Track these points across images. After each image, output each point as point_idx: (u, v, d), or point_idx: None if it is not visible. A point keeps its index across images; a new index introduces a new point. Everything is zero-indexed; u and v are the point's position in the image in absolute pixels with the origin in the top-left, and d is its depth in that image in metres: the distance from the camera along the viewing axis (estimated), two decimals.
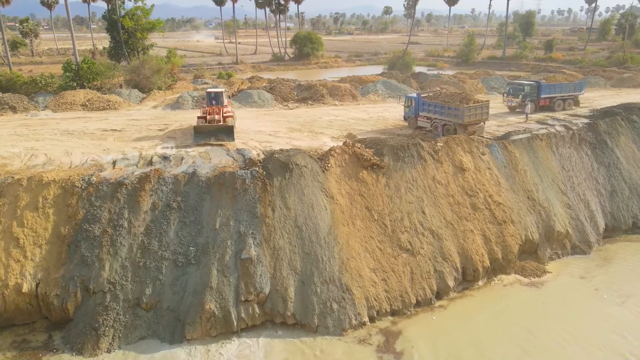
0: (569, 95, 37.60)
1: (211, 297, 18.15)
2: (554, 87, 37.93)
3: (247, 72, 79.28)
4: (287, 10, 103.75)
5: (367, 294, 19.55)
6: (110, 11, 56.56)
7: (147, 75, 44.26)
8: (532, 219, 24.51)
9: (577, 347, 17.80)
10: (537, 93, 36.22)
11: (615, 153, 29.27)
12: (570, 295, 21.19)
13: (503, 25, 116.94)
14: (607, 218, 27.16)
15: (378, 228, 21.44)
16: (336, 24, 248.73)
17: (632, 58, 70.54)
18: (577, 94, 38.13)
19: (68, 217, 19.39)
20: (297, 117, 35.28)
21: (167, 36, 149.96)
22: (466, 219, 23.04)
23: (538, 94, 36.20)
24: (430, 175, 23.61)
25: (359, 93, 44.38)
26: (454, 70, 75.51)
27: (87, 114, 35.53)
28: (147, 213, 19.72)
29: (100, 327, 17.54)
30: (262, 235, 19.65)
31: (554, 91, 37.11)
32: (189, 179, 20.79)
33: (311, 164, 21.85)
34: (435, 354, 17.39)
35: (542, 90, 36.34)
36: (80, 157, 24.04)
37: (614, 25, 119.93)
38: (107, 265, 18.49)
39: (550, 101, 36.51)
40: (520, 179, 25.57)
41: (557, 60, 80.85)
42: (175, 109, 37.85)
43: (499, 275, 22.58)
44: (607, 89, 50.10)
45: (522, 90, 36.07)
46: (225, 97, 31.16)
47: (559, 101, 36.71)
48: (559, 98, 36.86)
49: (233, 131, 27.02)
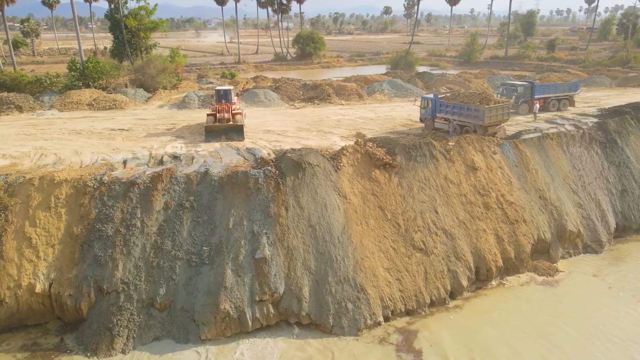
0: (564, 95, 36.97)
1: (226, 297, 18.03)
2: (548, 87, 37.20)
3: (250, 71, 79.16)
4: (290, 9, 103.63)
5: (382, 293, 19.43)
6: (113, 10, 56.48)
7: (153, 74, 44.15)
8: (544, 218, 24.40)
9: (598, 343, 17.89)
10: (531, 93, 35.52)
11: (626, 152, 29.18)
12: (585, 294, 21.16)
13: (504, 25, 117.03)
14: (618, 217, 27.05)
15: (391, 227, 21.32)
16: (336, 24, 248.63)
17: (635, 57, 70.53)
18: (572, 94, 37.50)
19: (80, 216, 19.24)
20: (304, 116, 35.16)
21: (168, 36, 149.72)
22: (479, 219, 22.93)
23: (532, 94, 35.49)
24: (442, 174, 23.49)
25: (365, 92, 44.26)
26: (457, 70, 75.44)
27: (93, 113, 35.38)
28: (159, 212, 19.58)
29: (114, 328, 17.41)
30: (275, 234, 19.52)
31: (548, 91, 36.41)
32: (202, 178, 20.65)
33: (324, 163, 21.73)
34: (455, 353, 17.28)
35: (535, 91, 35.66)
36: (90, 157, 23.91)
37: (615, 25, 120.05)
38: (120, 265, 18.35)
39: (544, 101, 35.79)
40: (532, 178, 25.46)
41: (560, 60, 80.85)
42: (182, 108, 37.72)
43: (512, 274, 22.47)
44: (613, 88, 50.04)
45: (515, 90, 35.44)
46: (234, 94, 31.23)
47: (553, 101, 36.01)
48: (554, 98, 36.21)
49: (243, 130, 27.04)
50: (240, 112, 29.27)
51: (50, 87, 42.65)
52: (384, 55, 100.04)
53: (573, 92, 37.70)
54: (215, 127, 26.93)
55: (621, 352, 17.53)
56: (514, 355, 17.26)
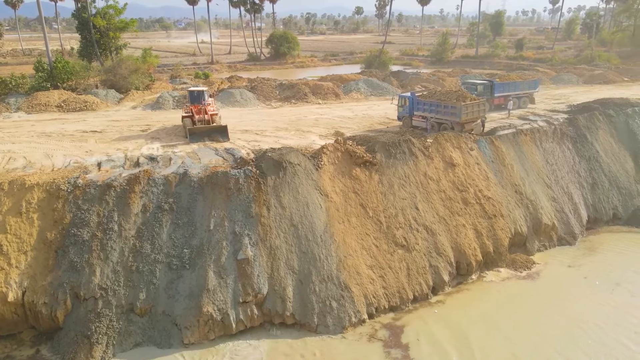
0: (524, 93, 37.43)
1: (208, 300, 17.71)
2: (507, 85, 37.26)
3: (224, 72, 78.26)
4: (262, 9, 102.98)
5: (366, 291, 19.46)
6: (80, 9, 54.79)
7: (124, 75, 43.08)
8: (520, 212, 24.94)
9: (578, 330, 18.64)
10: (491, 92, 35.82)
11: (595, 147, 30.12)
12: (562, 284, 21.80)
13: (473, 25, 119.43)
14: (590, 210, 27.90)
15: (373, 225, 21.38)
16: (308, 24, 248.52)
17: (599, 56, 73.01)
18: (532, 92, 38.05)
19: (54, 221, 18.56)
20: (282, 116, 34.95)
21: (138, 36, 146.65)
22: (458, 214, 23.25)
23: (491, 92, 35.79)
24: (422, 171, 23.71)
25: (342, 91, 44.35)
26: (429, 69, 76.43)
27: (63, 115, 34.26)
28: (137, 215, 19.09)
29: (92, 335, 16.84)
30: (257, 235, 19.30)
31: (507, 90, 36.58)
32: (180, 179, 20.23)
33: (304, 162, 21.61)
34: (442, 346, 17.50)
35: (495, 89, 35.99)
36: (62, 160, 23.10)
37: (579, 24, 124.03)
38: (97, 270, 17.79)
39: (504, 99, 35.92)
40: (508, 174, 25.99)
41: (529, 59, 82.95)
42: (156, 109, 36.93)
43: (492, 268, 22.87)
44: (580, 85, 51.65)
45: (474, 89, 35.52)
46: (207, 95, 30.76)
47: (513, 99, 36.04)
48: (514, 96, 36.38)
49: (227, 131, 26.78)
50: (216, 113, 28.88)
51: (16, 89, 41.01)
52: (357, 54, 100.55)
53: (532, 90, 38.26)
54: (199, 128, 26.50)
55: (599, 338, 18.10)
56: (500, 346, 17.59)
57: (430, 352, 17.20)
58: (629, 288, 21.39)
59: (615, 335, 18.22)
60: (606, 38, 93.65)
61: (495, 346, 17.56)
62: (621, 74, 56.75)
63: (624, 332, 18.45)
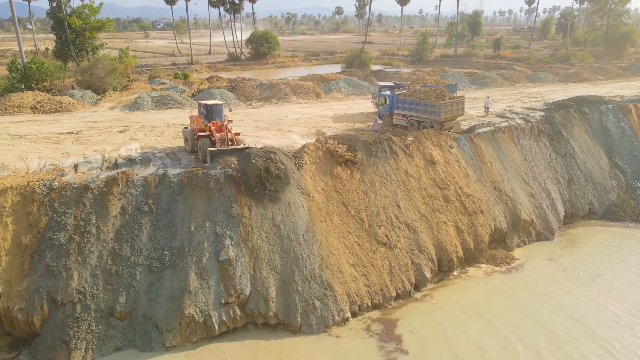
0: None
1: (190, 302, 17.50)
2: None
3: (203, 72, 77.51)
4: (242, 9, 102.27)
5: (349, 289, 19.49)
6: (55, 9, 53.59)
7: (101, 75, 42.28)
8: (499, 208, 25.30)
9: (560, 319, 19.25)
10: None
11: (571, 143, 30.76)
12: (542, 277, 22.33)
13: (452, 25, 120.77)
14: (566, 205, 28.48)
15: (355, 223, 21.43)
16: (288, 24, 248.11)
17: (574, 55, 74.63)
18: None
19: (29, 225, 18.09)
20: (262, 115, 34.77)
21: (115, 36, 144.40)
22: (439, 211, 23.47)
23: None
24: (402, 169, 23.87)
25: (323, 91, 44.35)
26: (409, 68, 77.03)
27: (38, 116, 33.45)
28: (116, 218, 18.75)
29: (71, 340, 16.49)
30: (239, 235, 19.15)
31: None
32: (160, 180, 19.94)
33: (286, 162, 21.51)
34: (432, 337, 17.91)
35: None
36: (37, 162, 22.53)
37: (554, 24, 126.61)
38: (75, 274, 17.41)
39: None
40: (487, 171, 26.35)
41: (506, 58, 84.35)
42: (134, 109, 36.34)
43: (473, 264, 23.15)
44: (556, 83, 52.71)
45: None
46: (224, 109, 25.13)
47: None
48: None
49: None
50: (238, 132, 24.31)
51: None
52: (338, 54, 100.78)
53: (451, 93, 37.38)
54: (222, 151, 22.41)
55: (580, 326, 18.74)
56: (489, 334, 18.13)
57: (422, 342, 17.57)
58: (606, 279, 21.99)
59: (596, 323, 18.86)
60: (580, 37, 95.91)
61: (485, 334, 18.04)
62: (595, 73, 58.10)
63: (604, 320, 19.08)
